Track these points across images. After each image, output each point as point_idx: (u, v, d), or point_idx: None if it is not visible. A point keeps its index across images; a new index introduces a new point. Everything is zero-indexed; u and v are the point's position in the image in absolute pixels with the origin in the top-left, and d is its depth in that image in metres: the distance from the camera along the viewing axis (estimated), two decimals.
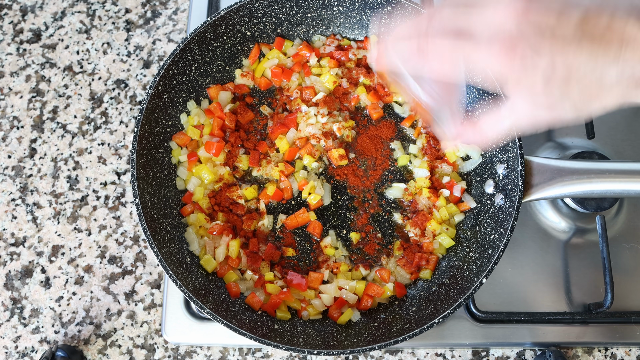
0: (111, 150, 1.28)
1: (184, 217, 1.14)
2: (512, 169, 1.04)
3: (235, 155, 1.18)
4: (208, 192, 1.15)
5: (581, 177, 0.99)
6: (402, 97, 1.22)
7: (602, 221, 1.12)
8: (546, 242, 1.19)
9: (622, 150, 1.25)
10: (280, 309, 1.08)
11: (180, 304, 1.14)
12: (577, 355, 1.16)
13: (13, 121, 1.30)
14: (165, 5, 1.39)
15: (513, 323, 1.14)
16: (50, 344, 1.16)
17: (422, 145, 1.19)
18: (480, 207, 1.13)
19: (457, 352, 1.16)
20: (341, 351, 0.97)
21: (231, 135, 1.18)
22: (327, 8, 1.21)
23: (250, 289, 1.10)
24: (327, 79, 1.21)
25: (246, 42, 1.22)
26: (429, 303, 1.06)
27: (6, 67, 1.34)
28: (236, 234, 1.13)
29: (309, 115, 1.19)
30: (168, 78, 1.12)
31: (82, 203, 1.24)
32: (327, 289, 1.10)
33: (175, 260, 1.05)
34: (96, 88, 1.32)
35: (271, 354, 1.15)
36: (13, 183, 1.26)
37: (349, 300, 1.09)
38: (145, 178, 1.08)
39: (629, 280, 1.17)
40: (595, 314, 1.12)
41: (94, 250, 1.21)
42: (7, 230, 1.23)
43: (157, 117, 1.12)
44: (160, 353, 1.15)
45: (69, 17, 1.38)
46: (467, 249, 1.11)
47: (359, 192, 1.18)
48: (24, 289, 1.19)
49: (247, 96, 1.23)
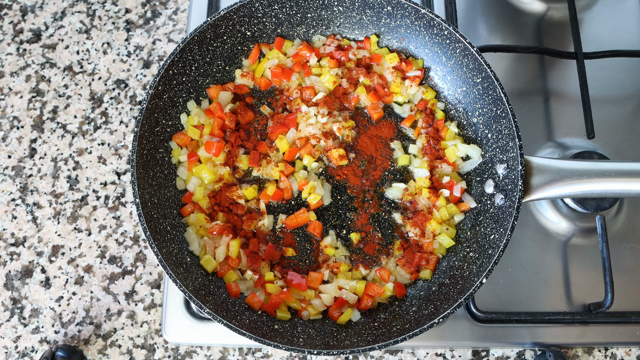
0: (111, 150, 1.28)
1: (184, 217, 1.13)
2: (512, 169, 1.04)
3: (235, 155, 1.18)
4: (208, 192, 1.15)
5: (581, 177, 0.99)
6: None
7: (602, 221, 1.12)
8: (546, 242, 1.19)
9: (622, 150, 1.25)
10: (280, 309, 1.08)
11: (180, 304, 1.14)
12: (577, 355, 1.16)
13: (13, 121, 1.30)
14: (165, 5, 1.39)
15: (513, 323, 1.14)
16: (50, 344, 1.16)
17: (422, 145, 1.19)
18: (480, 207, 1.13)
19: (457, 352, 1.16)
20: (341, 351, 0.97)
21: (231, 135, 1.18)
22: (327, 8, 1.21)
23: (250, 289, 1.10)
24: (327, 79, 1.21)
25: (246, 42, 1.22)
26: (429, 303, 1.06)
27: (6, 67, 1.34)
28: (236, 234, 1.13)
29: (309, 115, 1.19)
30: (168, 78, 1.12)
31: (82, 203, 1.24)
32: (327, 289, 1.10)
33: (175, 260, 1.05)
34: (96, 88, 1.32)
35: (271, 354, 1.15)
36: (13, 183, 1.26)
37: (349, 300, 1.09)
38: (145, 178, 1.08)
39: (629, 280, 1.17)
40: (595, 314, 1.12)
41: (94, 250, 1.21)
42: (7, 230, 1.23)
43: (157, 117, 1.12)
44: (160, 353, 1.15)
45: (69, 17, 1.38)
46: (467, 249, 1.11)
47: (359, 192, 1.18)
48: (24, 289, 1.19)
49: (247, 96, 1.23)
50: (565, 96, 1.29)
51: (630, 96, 1.30)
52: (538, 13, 1.38)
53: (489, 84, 1.10)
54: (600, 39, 1.34)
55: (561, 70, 1.32)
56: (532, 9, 1.38)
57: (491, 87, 1.09)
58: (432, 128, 1.20)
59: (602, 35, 1.35)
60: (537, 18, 1.37)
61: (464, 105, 1.19)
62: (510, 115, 1.05)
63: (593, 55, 1.27)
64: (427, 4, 1.34)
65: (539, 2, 1.38)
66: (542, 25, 1.37)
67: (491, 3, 1.38)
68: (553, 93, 1.30)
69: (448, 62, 1.18)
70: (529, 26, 1.36)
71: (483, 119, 1.15)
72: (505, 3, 1.38)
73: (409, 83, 1.21)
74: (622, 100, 1.30)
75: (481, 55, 1.09)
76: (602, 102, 1.29)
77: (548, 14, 1.37)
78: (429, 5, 1.33)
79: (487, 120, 1.13)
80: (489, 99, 1.11)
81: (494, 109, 1.10)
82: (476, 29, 1.36)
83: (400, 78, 1.22)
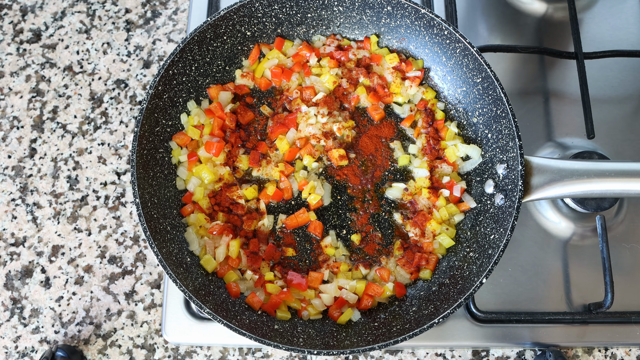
0: (111, 150, 1.28)
1: (184, 217, 1.13)
2: (512, 169, 1.04)
3: (235, 155, 1.18)
4: (208, 192, 1.15)
5: (581, 177, 0.99)
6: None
7: (602, 221, 1.12)
8: (546, 242, 1.19)
9: (622, 150, 1.25)
10: (281, 309, 1.08)
11: (180, 304, 1.14)
12: (577, 355, 1.16)
13: (13, 121, 1.30)
14: (165, 5, 1.39)
15: (513, 323, 1.14)
16: (50, 344, 1.16)
17: (422, 145, 1.19)
18: (480, 207, 1.13)
19: (457, 352, 1.16)
20: (341, 351, 0.97)
21: (231, 136, 1.18)
22: (327, 8, 1.21)
23: (250, 289, 1.10)
24: (327, 79, 1.21)
25: (246, 42, 1.22)
26: (429, 303, 1.06)
27: (6, 67, 1.34)
28: (236, 234, 1.13)
29: (309, 115, 1.19)
30: (168, 78, 1.12)
31: (82, 203, 1.24)
32: (327, 289, 1.10)
33: (175, 260, 1.05)
34: (96, 88, 1.32)
35: (271, 354, 1.15)
36: (13, 183, 1.26)
37: (349, 300, 1.09)
38: (145, 178, 1.08)
39: (629, 280, 1.17)
40: (595, 314, 1.12)
41: (94, 250, 1.21)
42: (7, 230, 1.23)
43: (157, 117, 1.12)
44: (160, 353, 1.15)
45: (69, 17, 1.38)
46: (467, 249, 1.11)
47: (358, 192, 1.18)
48: (24, 289, 1.19)
49: (247, 96, 1.23)
50: (565, 96, 1.29)
51: (630, 96, 1.30)
52: (538, 13, 1.38)
53: (489, 84, 1.10)
54: (600, 39, 1.34)
55: (561, 70, 1.32)
56: (532, 9, 1.38)
57: (491, 87, 1.09)
58: (431, 128, 1.20)
59: (602, 35, 1.35)
60: (537, 18, 1.37)
61: (464, 105, 1.19)
62: (510, 115, 1.05)
63: (593, 55, 1.27)
64: (427, 4, 1.34)
65: (539, 2, 1.38)
66: (542, 25, 1.37)
67: (491, 3, 1.38)
68: (553, 93, 1.30)
69: (448, 62, 1.18)
70: (529, 26, 1.36)
71: (483, 119, 1.15)
72: (505, 3, 1.38)
73: (408, 83, 1.22)
74: (622, 100, 1.30)
75: (481, 55, 1.09)
76: (602, 102, 1.29)
77: (548, 14, 1.37)
78: (429, 5, 1.33)
79: (487, 120, 1.13)
80: (489, 99, 1.11)
81: (494, 109, 1.10)
82: (476, 29, 1.36)
83: (400, 78, 1.22)
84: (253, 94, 1.24)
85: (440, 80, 1.22)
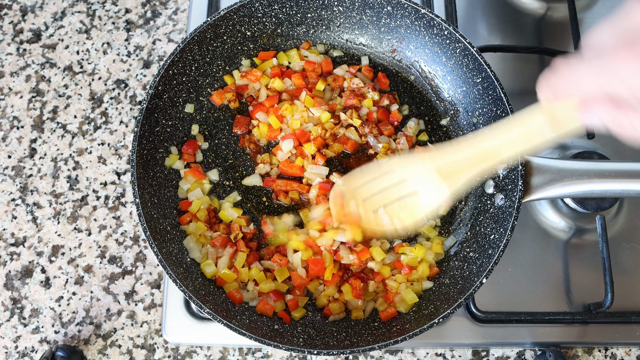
0: (111, 150, 1.28)
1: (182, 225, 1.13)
2: (512, 169, 1.04)
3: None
4: (206, 206, 1.13)
5: (581, 177, 0.99)
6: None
7: (602, 221, 1.12)
8: (546, 242, 1.19)
9: (622, 150, 1.25)
10: (297, 311, 1.08)
11: (180, 304, 1.14)
12: (577, 355, 1.16)
13: (13, 121, 1.30)
14: (165, 5, 1.39)
15: (513, 323, 1.14)
16: (50, 344, 1.16)
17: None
18: (480, 207, 1.13)
19: (457, 352, 1.16)
20: (341, 351, 0.97)
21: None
22: (327, 8, 1.21)
23: (255, 299, 1.09)
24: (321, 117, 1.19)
25: (246, 42, 1.22)
26: (429, 303, 1.06)
27: (6, 67, 1.34)
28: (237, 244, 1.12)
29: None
30: (168, 78, 1.12)
31: (82, 203, 1.24)
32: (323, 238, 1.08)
33: (175, 260, 1.05)
34: (96, 88, 1.32)
35: (271, 354, 1.15)
36: (13, 183, 1.26)
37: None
38: (145, 178, 1.08)
39: (629, 280, 1.17)
40: (595, 314, 1.12)
41: (94, 250, 1.21)
42: (7, 230, 1.23)
43: (157, 117, 1.12)
44: (160, 353, 1.15)
45: (69, 17, 1.38)
46: (467, 249, 1.11)
47: None
48: (24, 289, 1.19)
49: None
50: None
51: None
52: (538, 13, 1.38)
53: (489, 84, 1.10)
54: None
55: None
56: (532, 9, 1.38)
57: (491, 87, 1.09)
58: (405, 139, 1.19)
59: None
60: (537, 18, 1.37)
61: (464, 105, 1.19)
62: (510, 115, 1.05)
63: None
64: (427, 4, 1.34)
65: (539, 2, 1.38)
66: (542, 25, 1.37)
67: (491, 3, 1.38)
68: None
69: (448, 62, 1.18)
70: (529, 26, 1.36)
71: (483, 119, 1.15)
72: (505, 3, 1.38)
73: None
74: None
75: (481, 55, 1.09)
76: None
77: (548, 14, 1.37)
78: (429, 5, 1.33)
79: (487, 120, 1.13)
80: (489, 99, 1.11)
81: (494, 109, 1.10)
82: (476, 29, 1.36)
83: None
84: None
85: (440, 80, 1.22)
